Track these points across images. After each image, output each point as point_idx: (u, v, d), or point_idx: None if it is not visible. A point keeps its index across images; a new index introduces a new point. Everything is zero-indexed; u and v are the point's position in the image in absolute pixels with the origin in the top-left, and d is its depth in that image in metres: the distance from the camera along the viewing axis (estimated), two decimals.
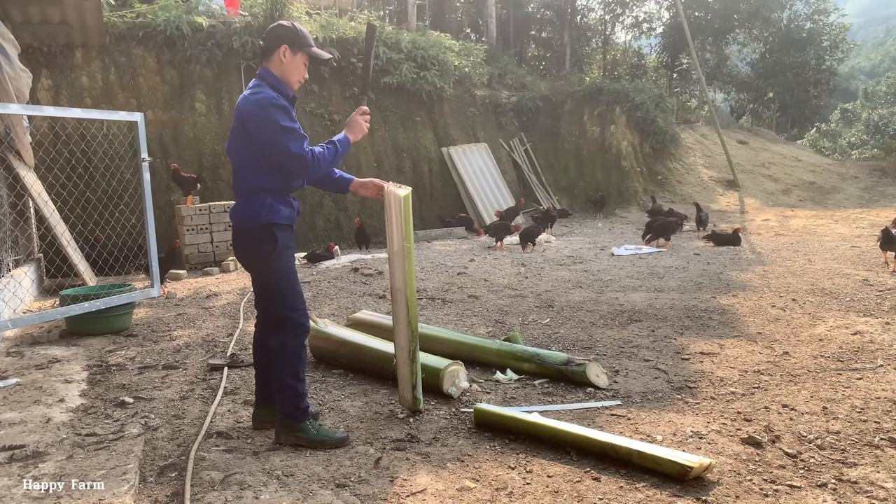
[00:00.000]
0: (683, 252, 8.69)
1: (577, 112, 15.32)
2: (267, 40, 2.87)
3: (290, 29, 2.85)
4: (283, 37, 2.83)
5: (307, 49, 2.88)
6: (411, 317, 3.04)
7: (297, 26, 2.89)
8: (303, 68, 2.92)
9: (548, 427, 2.80)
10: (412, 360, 3.08)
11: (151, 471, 2.63)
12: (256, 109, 2.74)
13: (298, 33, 2.86)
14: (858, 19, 72.84)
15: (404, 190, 3.01)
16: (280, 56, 2.83)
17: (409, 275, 3.01)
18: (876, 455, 2.61)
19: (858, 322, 4.64)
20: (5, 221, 6.14)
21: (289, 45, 2.83)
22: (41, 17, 7.84)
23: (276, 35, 2.85)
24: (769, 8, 22.39)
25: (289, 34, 2.84)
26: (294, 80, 2.91)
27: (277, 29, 2.87)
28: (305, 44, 2.87)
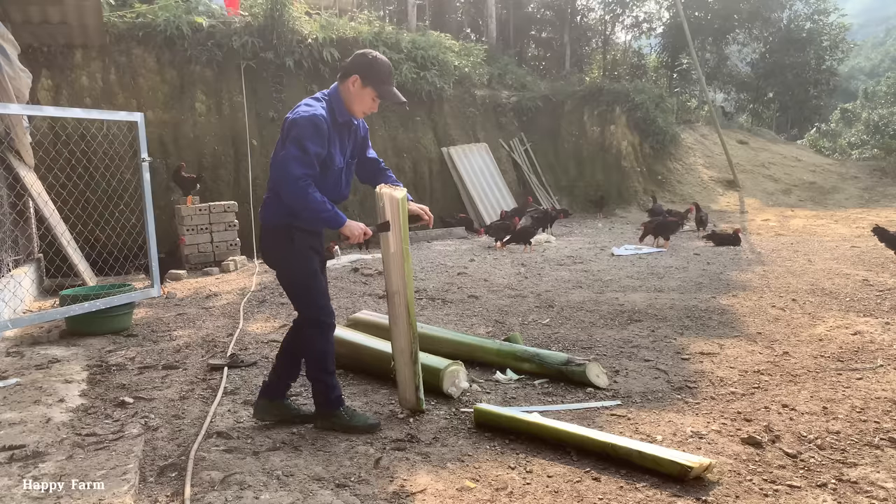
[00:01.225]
0: (683, 252, 8.69)
1: (577, 112, 15.31)
2: (347, 63, 2.91)
3: (368, 61, 2.87)
4: (358, 66, 2.87)
5: (378, 86, 2.88)
6: (411, 319, 3.04)
7: (379, 61, 2.90)
8: (370, 102, 2.93)
9: (548, 427, 2.80)
10: (414, 362, 3.07)
11: (151, 471, 2.63)
12: (300, 121, 2.76)
13: (374, 68, 2.86)
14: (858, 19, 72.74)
15: (400, 192, 2.98)
16: (350, 84, 2.87)
17: (408, 277, 3.00)
18: (876, 455, 2.61)
19: (858, 322, 4.64)
20: (5, 221, 6.14)
21: (360, 77, 2.85)
22: (41, 17, 7.84)
23: (354, 62, 2.90)
24: (769, 8, 22.38)
25: (364, 67, 2.86)
26: (357, 109, 2.94)
27: (358, 56, 2.91)
28: (378, 80, 2.87)
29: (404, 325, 3.05)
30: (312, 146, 2.72)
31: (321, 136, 2.76)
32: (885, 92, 36.46)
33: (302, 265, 2.91)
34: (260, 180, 10.48)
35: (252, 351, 4.44)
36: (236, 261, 8.49)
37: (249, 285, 6.97)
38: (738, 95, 25.62)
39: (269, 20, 10.88)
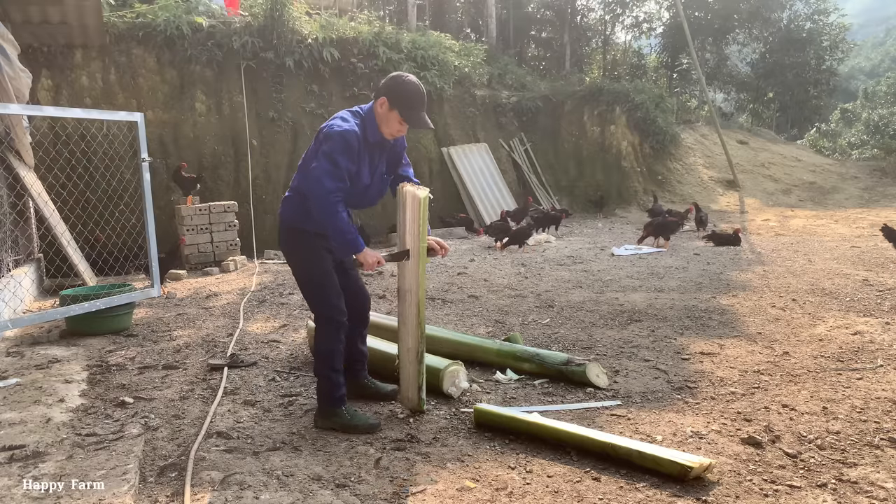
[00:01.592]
0: (683, 252, 8.69)
1: (577, 112, 15.32)
2: (381, 83, 2.92)
3: (397, 84, 2.86)
4: (387, 88, 2.87)
5: (404, 111, 2.86)
6: (420, 318, 3.03)
7: (408, 84, 2.86)
8: (397, 125, 2.92)
9: (548, 427, 2.80)
10: (419, 361, 3.06)
11: (151, 471, 2.63)
12: (333, 135, 2.80)
13: (402, 92, 2.84)
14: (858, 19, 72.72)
15: (423, 191, 2.96)
16: (378, 105, 2.89)
17: (421, 276, 3.00)
18: (876, 455, 2.61)
19: (858, 322, 4.64)
20: (5, 221, 6.14)
21: (388, 100, 2.85)
22: (41, 17, 7.84)
23: (385, 83, 2.90)
24: (769, 8, 22.39)
25: (392, 89, 2.86)
26: (385, 131, 2.94)
27: (390, 78, 2.91)
28: (405, 104, 2.86)
29: (413, 324, 3.04)
30: (343, 160, 2.77)
31: (351, 152, 2.80)
32: (885, 92, 36.46)
33: (317, 264, 3.01)
34: (260, 180, 10.49)
35: (252, 351, 4.44)
36: (236, 261, 8.49)
37: (249, 285, 6.97)
38: (738, 95, 25.63)
39: (269, 20, 10.88)
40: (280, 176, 10.77)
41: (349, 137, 2.78)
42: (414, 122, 2.88)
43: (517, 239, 9.24)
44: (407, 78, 2.89)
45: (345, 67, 11.85)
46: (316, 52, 11.30)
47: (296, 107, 11.19)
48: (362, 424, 3.00)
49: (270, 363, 4.15)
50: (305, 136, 11.13)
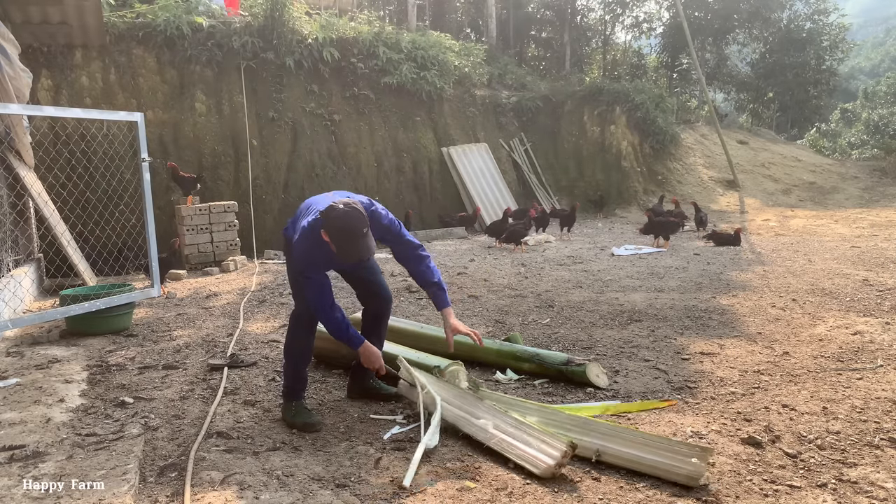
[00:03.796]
0: (683, 252, 8.69)
1: (577, 112, 15.32)
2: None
3: (329, 219, 2.76)
4: (324, 221, 2.80)
5: (335, 246, 2.79)
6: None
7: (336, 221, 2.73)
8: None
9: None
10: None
11: (151, 471, 2.63)
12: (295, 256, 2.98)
13: (332, 229, 2.75)
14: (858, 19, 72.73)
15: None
16: (322, 234, 2.83)
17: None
18: (876, 455, 2.61)
19: (858, 322, 4.64)
20: (5, 221, 6.14)
21: (325, 231, 2.82)
22: (41, 17, 7.84)
23: (322, 214, 2.81)
24: (769, 8, 22.37)
25: (326, 224, 2.78)
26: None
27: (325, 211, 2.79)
28: (335, 241, 2.78)
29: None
30: (315, 279, 2.92)
31: (315, 266, 2.93)
32: (885, 92, 36.46)
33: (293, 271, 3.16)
34: (260, 180, 10.49)
35: (252, 351, 4.44)
36: (236, 261, 8.49)
37: (249, 285, 6.97)
38: (738, 95, 25.60)
39: (269, 20, 10.88)
40: (280, 176, 10.78)
41: (307, 262, 2.90)
42: (344, 255, 2.78)
43: (512, 238, 9.24)
44: (334, 213, 2.73)
45: (345, 67, 11.85)
46: (316, 52, 11.31)
47: (296, 107, 11.19)
48: (299, 422, 3.06)
49: (270, 363, 4.15)
50: (305, 136, 11.14)
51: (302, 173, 10.94)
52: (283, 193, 10.72)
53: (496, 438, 2.73)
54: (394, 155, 12.29)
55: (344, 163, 11.54)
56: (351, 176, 11.55)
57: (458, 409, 2.99)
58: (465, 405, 2.99)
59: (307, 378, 3.26)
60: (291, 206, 10.56)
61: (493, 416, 2.85)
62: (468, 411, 2.94)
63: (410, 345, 3.87)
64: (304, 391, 3.23)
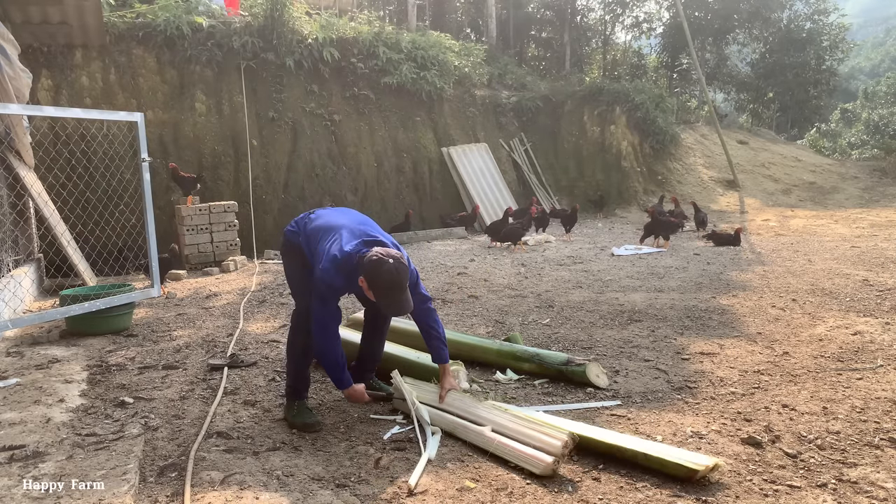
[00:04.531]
0: (683, 252, 8.69)
1: (577, 112, 15.32)
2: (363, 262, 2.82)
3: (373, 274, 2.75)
4: (366, 272, 2.78)
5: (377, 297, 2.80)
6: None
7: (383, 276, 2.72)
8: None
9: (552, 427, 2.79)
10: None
11: (151, 471, 2.63)
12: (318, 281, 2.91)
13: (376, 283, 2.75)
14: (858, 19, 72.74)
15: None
16: (360, 280, 2.82)
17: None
18: (876, 455, 2.61)
19: (858, 322, 4.64)
20: (5, 221, 6.14)
21: (366, 282, 2.80)
22: (41, 17, 7.84)
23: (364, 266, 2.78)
24: (769, 8, 22.38)
25: (369, 276, 2.76)
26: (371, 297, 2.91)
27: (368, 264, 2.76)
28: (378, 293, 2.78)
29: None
30: (330, 303, 2.93)
31: (335, 297, 2.96)
32: (885, 92, 36.46)
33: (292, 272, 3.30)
34: (260, 180, 10.49)
35: (252, 351, 4.44)
36: (236, 261, 8.49)
37: (249, 285, 6.97)
38: (738, 95, 25.60)
39: (269, 20, 10.88)
40: (280, 176, 10.77)
41: (331, 290, 2.90)
42: (387, 309, 2.86)
43: (510, 237, 9.23)
44: (384, 268, 2.72)
45: (345, 67, 11.85)
46: (316, 52, 11.31)
47: (296, 107, 11.19)
48: (299, 422, 3.07)
49: (270, 363, 4.15)
50: (305, 136, 11.14)
51: (302, 173, 10.94)
52: (283, 193, 10.72)
53: (496, 442, 2.73)
54: (394, 155, 12.29)
55: (344, 163, 11.53)
56: (351, 176, 11.54)
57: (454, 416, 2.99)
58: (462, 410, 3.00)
59: (309, 378, 3.26)
60: (291, 206, 10.56)
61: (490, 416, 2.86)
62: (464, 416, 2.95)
63: (411, 345, 3.87)
64: (306, 391, 3.23)
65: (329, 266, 2.87)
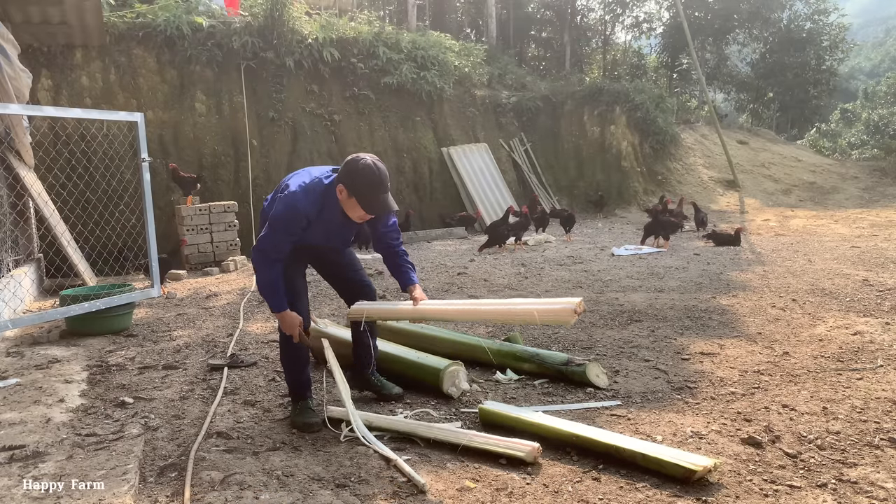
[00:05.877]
0: (683, 252, 8.69)
1: (577, 112, 15.32)
2: (340, 168, 2.80)
3: (351, 171, 2.71)
4: (344, 175, 2.73)
5: (361, 199, 2.73)
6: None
7: (363, 171, 2.69)
8: (361, 210, 2.78)
9: (552, 427, 2.80)
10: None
11: (151, 471, 2.63)
12: (278, 209, 2.80)
13: (357, 180, 2.70)
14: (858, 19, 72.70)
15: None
16: (338, 191, 2.77)
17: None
18: (876, 455, 2.61)
19: (858, 322, 4.64)
20: (5, 221, 6.14)
21: (345, 187, 2.74)
22: (41, 17, 7.84)
23: (342, 170, 2.75)
24: (769, 8, 22.39)
25: (348, 177, 2.72)
26: (353, 216, 2.84)
27: (345, 165, 2.74)
28: (361, 192, 2.71)
29: None
30: (281, 235, 2.80)
31: (292, 226, 2.79)
32: (885, 92, 36.44)
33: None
34: (260, 180, 10.49)
35: (252, 351, 4.44)
36: (236, 261, 8.50)
37: (249, 285, 6.97)
38: (738, 95, 25.62)
39: (269, 20, 10.88)
40: (280, 176, 10.76)
41: (292, 216, 2.77)
42: (372, 208, 2.76)
43: (495, 240, 9.15)
44: (361, 163, 2.70)
45: (345, 67, 11.85)
46: (316, 52, 11.31)
47: (296, 107, 11.19)
48: (299, 422, 3.07)
49: (270, 363, 4.15)
50: (305, 136, 11.14)
51: None
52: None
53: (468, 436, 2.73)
54: (394, 155, 12.29)
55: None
56: None
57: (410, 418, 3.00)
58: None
59: (310, 379, 3.22)
60: None
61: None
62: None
63: (411, 345, 3.87)
64: (308, 391, 3.19)
65: (296, 189, 2.78)
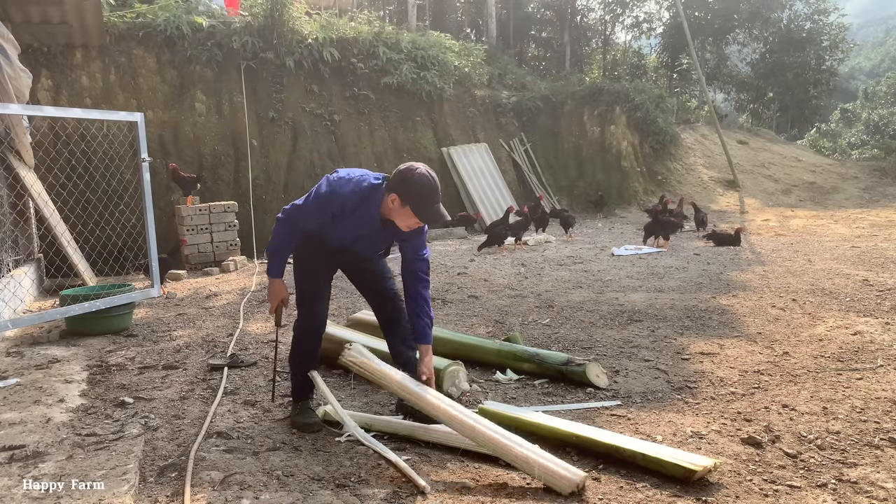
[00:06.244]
0: (683, 252, 8.69)
1: (577, 112, 15.31)
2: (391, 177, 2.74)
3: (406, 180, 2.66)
4: (397, 184, 2.68)
5: (416, 208, 2.68)
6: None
7: (419, 179, 2.65)
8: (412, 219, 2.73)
9: (552, 427, 2.80)
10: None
11: (151, 471, 2.63)
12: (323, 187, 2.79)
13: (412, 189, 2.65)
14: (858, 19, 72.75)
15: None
16: (389, 201, 2.71)
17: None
18: (876, 455, 2.61)
19: (858, 322, 4.64)
20: (5, 221, 6.14)
21: (399, 196, 2.68)
22: (41, 17, 7.84)
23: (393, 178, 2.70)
24: (769, 8, 22.39)
25: (402, 186, 2.66)
26: (402, 224, 2.77)
27: (398, 174, 2.69)
28: (416, 202, 2.67)
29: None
30: (312, 209, 2.81)
31: (322, 210, 2.80)
32: (885, 92, 36.47)
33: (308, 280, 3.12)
34: (260, 180, 10.49)
35: (252, 351, 4.44)
36: (236, 261, 8.49)
37: (249, 285, 6.97)
38: (738, 95, 25.62)
39: (269, 20, 10.88)
40: (280, 176, 10.77)
41: (331, 197, 2.76)
42: (428, 218, 2.71)
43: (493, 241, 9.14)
44: (417, 172, 2.66)
45: (345, 67, 11.85)
46: (316, 52, 11.31)
47: (296, 107, 11.19)
48: (298, 422, 3.06)
49: (270, 363, 4.15)
50: (305, 136, 11.14)
51: (302, 173, 10.94)
52: (283, 193, 10.71)
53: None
54: (394, 155, 12.29)
55: (344, 163, 11.53)
56: None
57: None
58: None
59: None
60: None
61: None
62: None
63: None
64: (310, 392, 3.18)
65: (344, 176, 2.77)
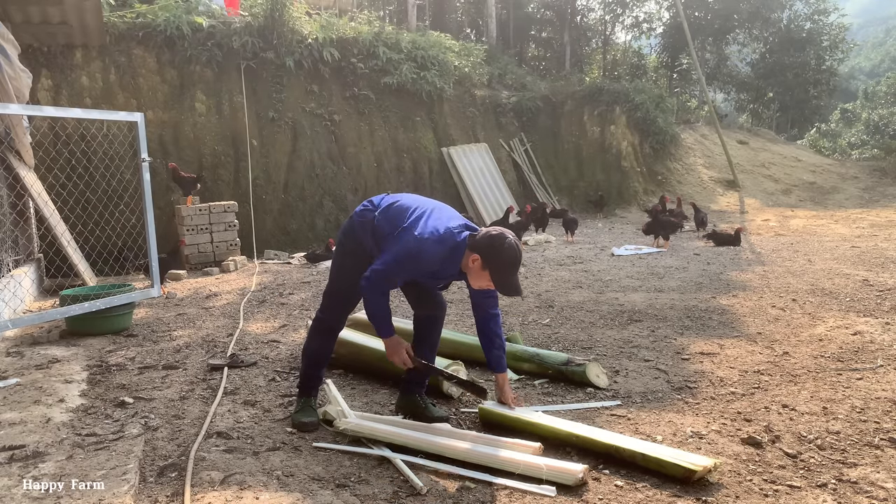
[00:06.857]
0: (683, 252, 8.69)
1: (577, 112, 15.31)
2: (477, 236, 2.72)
3: (494, 249, 2.65)
4: (484, 249, 2.66)
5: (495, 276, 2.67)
6: None
7: (507, 252, 2.64)
8: (487, 282, 2.72)
9: (551, 427, 2.80)
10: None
11: (151, 471, 2.63)
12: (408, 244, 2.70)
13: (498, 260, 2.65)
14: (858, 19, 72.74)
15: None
16: (471, 260, 2.70)
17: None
18: (876, 455, 2.61)
19: (858, 322, 4.64)
20: (5, 221, 6.14)
21: (481, 259, 2.67)
22: (41, 17, 7.84)
23: (481, 243, 2.68)
24: (769, 8, 22.39)
25: (488, 253, 2.66)
26: (474, 283, 2.78)
27: (486, 239, 2.67)
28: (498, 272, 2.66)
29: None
30: (398, 272, 2.76)
31: (409, 272, 2.78)
32: (885, 92, 36.48)
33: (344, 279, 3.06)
34: (260, 180, 10.49)
35: (252, 351, 4.44)
36: (236, 261, 8.49)
37: (249, 285, 6.97)
38: (738, 95, 25.62)
39: (269, 20, 10.88)
40: (280, 176, 10.77)
41: (418, 261, 2.70)
42: (505, 289, 2.69)
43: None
44: (507, 242, 2.65)
45: (345, 67, 11.85)
46: (316, 52, 11.30)
47: (296, 107, 11.19)
48: (297, 421, 3.07)
49: (270, 363, 4.15)
50: (305, 136, 11.13)
51: (302, 173, 10.94)
52: (283, 193, 10.72)
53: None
54: (394, 155, 12.29)
55: (344, 163, 11.53)
56: (351, 176, 11.54)
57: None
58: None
59: (321, 377, 3.20)
60: (291, 206, 10.56)
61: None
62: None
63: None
64: (315, 390, 3.19)
65: (430, 237, 2.68)
